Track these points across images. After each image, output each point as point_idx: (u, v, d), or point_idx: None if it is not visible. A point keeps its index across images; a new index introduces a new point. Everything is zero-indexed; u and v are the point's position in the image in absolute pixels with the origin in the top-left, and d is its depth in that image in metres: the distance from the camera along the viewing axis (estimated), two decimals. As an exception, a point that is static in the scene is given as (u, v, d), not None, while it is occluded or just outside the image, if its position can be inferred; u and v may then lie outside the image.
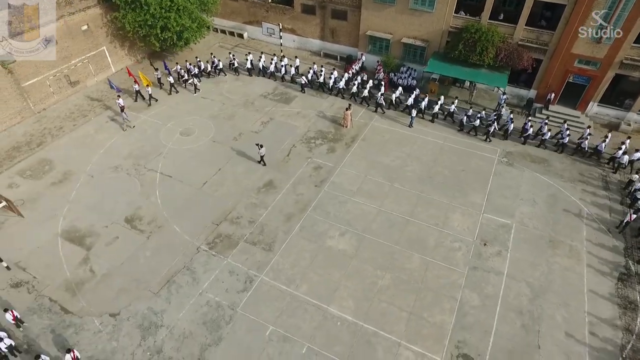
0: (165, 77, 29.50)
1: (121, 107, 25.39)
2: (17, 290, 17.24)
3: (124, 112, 25.58)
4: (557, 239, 19.52)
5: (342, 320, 16.28)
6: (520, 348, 15.50)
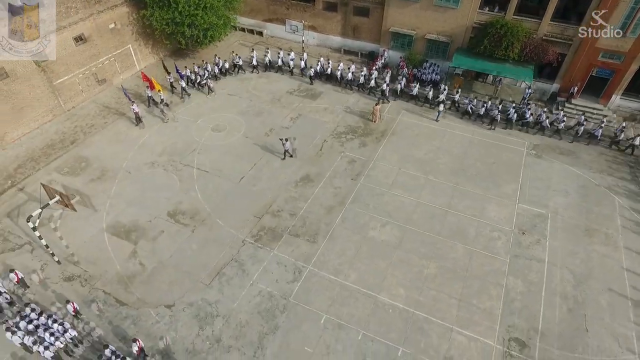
0: (177, 82, 28.89)
1: (136, 112, 25.42)
2: (70, 283, 17.47)
3: (163, 104, 26.29)
4: (592, 228, 20.03)
5: (394, 308, 16.67)
6: (569, 332, 15.96)
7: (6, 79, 23.07)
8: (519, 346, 15.50)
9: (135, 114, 25.58)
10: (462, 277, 17.83)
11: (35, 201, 21.04)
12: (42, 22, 23.64)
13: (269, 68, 31.63)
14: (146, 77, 27.17)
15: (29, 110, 24.86)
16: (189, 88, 29.12)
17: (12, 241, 19.13)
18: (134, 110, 25.45)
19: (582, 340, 15.68)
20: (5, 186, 21.90)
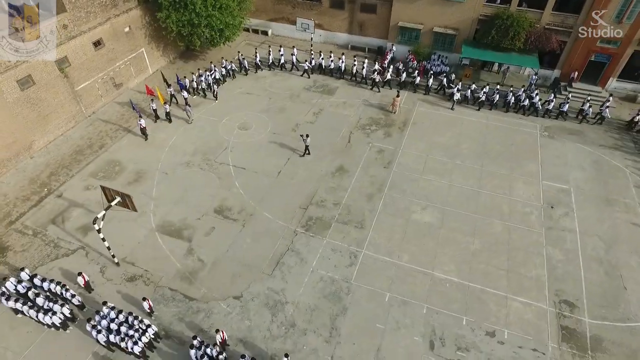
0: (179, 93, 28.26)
1: (142, 128, 24.53)
2: (134, 283, 17.69)
3: (188, 105, 26.29)
4: (611, 198, 21.83)
5: (450, 282, 17.81)
6: (609, 291, 17.54)
7: (33, 86, 22.77)
8: (569, 307, 16.94)
9: (142, 129, 24.63)
10: (505, 250, 19.17)
11: (77, 207, 21.02)
12: (63, 28, 23.51)
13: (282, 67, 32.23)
14: (150, 91, 26.53)
15: (54, 117, 24.58)
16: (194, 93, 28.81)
17: (63, 247, 19.10)
18: (141, 125, 24.44)
19: (622, 297, 17.28)
20: (42, 194, 21.69)
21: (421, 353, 15.44)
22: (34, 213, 20.68)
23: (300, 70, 31.66)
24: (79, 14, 24.34)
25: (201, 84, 28.69)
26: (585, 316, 16.65)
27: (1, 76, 20.98)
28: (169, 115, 26.44)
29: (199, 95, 29.04)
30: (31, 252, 18.82)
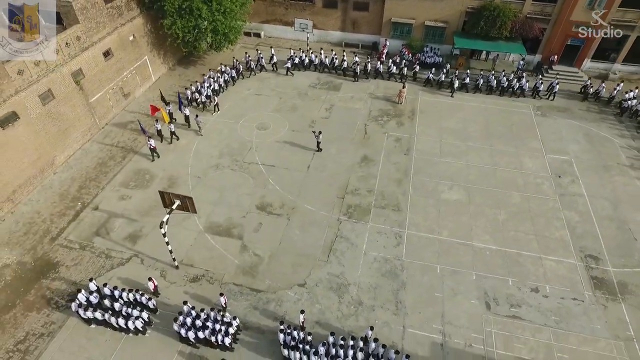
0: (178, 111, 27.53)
1: (152, 148, 23.83)
2: (198, 283, 18.19)
3: (198, 117, 26.13)
4: (607, 164, 24.64)
5: (489, 250, 19.67)
6: (623, 243, 20.06)
7: (53, 100, 22.40)
8: (594, 260, 19.27)
9: (152, 149, 23.91)
10: (528, 217, 21.33)
11: (117, 217, 21.04)
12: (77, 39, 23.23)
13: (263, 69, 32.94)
14: (154, 109, 25.16)
15: (72, 130, 24.21)
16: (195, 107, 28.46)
17: (116, 257, 19.18)
18: (151, 145, 23.69)
19: (635, 247, 19.85)
20: (77, 208, 21.49)
21: (480, 314, 17.15)
22: (74, 227, 20.51)
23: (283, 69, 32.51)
24: (90, 24, 24.10)
25: (201, 97, 28.22)
26: (609, 266, 19.04)
27: (25, 92, 20.57)
28: (174, 134, 25.55)
29: (197, 107, 28.52)
30: (84, 265, 18.78)
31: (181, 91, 29.36)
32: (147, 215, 21.15)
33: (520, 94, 30.22)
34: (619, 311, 17.28)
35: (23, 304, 17.27)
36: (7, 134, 20.06)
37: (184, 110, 26.77)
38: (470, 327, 16.66)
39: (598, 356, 15.84)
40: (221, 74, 30.55)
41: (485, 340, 16.24)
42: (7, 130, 20.02)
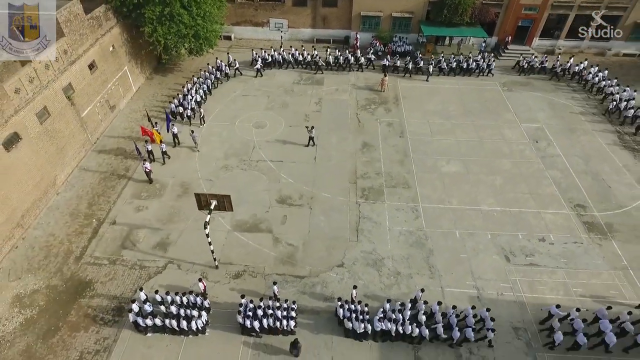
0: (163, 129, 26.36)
1: (148, 170, 22.78)
2: (242, 279, 18.66)
3: (194, 132, 25.32)
4: (572, 127, 28.07)
5: (495, 211, 21.95)
6: (601, 191, 23.21)
7: (49, 117, 21.50)
8: (582, 209, 22.19)
9: (148, 172, 22.86)
10: (521, 179, 23.95)
11: (138, 228, 20.79)
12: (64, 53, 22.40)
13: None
14: (145, 131, 24.28)
15: (69, 148, 23.30)
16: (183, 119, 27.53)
17: (150, 266, 19.06)
18: (146, 168, 22.70)
19: (611, 193, 23.09)
20: (93, 225, 20.89)
21: (503, 266, 19.27)
22: (97, 244, 19.99)
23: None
24: (74, 37, 23.28)
25: (186, 111, 27.50)
26: (595, 211, 22.04)
27: (23, 111, 19.65)
28: (165, 154, 24.52)
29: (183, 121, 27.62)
30: (120, 279, 18.50)
31: (166, 105, 28.81)
32: (170, 222, 21.09)
33: (489, 72, 33.23)
34: (612, 247, 20.22)
35: (67, 325, 16.77)
36: (12, 156, 19.09)
37: (172, 128, 25.35)
38: (497, 279, 18.72)
39: (604, 285, 18.54)
40: (204, 79, 30.48)
41: (512, 288, 18.35)
42: (12, 152, 19.06)
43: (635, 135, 27.23)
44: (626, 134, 27.50)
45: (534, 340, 16.54)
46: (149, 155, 24.15)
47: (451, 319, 16.12)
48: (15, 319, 16.93)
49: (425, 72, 32.92)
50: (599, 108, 29.79)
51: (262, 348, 16.22)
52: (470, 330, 15.67)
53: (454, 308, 16.40)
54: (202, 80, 30.36)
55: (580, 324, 16.04)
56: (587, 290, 18.31)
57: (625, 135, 27.38)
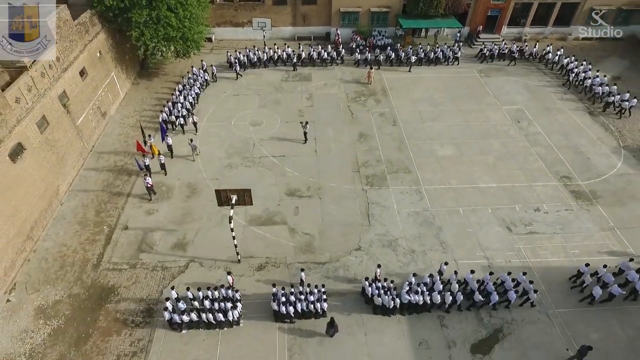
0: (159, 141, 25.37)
1: (150, 186, 21.96)
2: (266, 270, 19.12)
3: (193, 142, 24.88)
4: (548, 107, 30.25)
5: (492, 188, 23.49)
6: (581, 162, 25.27)
7: (48, 126, 21.03)
8: (568, 179, 24.12)
9: (150, 187, 21.97)
10: (510, 157, 25.68)
11: (152, 231, 20.78)
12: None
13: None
14: (140, 146, 23.90)
15: (68, 157, 22.83)
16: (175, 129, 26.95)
17: (172, 266, 19.16)
18: (148, 183, 21.81)
19: (590, 164, 25.20)
20: (105, 232, 20.68)
21: (507, 236, 20.75)
22: (112, 250, 19.83)
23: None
24: (65, 43, 22.81)
25: (179, 119, 26.81)
26: (579, 181, 24.04)
27: (25, 120, 19.17)
28: (164, 167, 23.80)
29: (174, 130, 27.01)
30: (144, 281, 18.50)
31: (157, 110, 28.53)
32: (184, 223, 21.19)
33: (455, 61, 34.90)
34: (598, 211, 22.19)
35: (98, 331, 16.67)
36: (18, 167, 18.62)
37: (167, 139, 24.90)
38: (503, 248, 20.18)
39: (597, 245, 20.39)
40: (192, 84, 30.19)
41: (518, 255, 19.85)
42: (17, 163, 18.59)
43: (604, 112, 29.70)
44: (596, 110, 29.95)
45: (544, 299, 18.04)
46: (146, 169, 23.20)
47: (489, 286, 17.30)
48: (43, 331, 16.64)
49: (406, 64, 34.33)
50: (570, 90, 32.21)
51: (297, 332, 16.81)
52: (513, 292, 17.07)
53: (491, 274, 17.77)
54: (189, 86, 29.86)
55: (611, 277, 17.77)
56: (582, 251, 20.08)
57: (595, 111, 29.81)
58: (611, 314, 17.61)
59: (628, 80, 33.13)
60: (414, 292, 17.02)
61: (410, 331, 16.95)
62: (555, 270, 19.13)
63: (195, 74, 31.01)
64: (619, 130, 27.97)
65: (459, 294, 16.96)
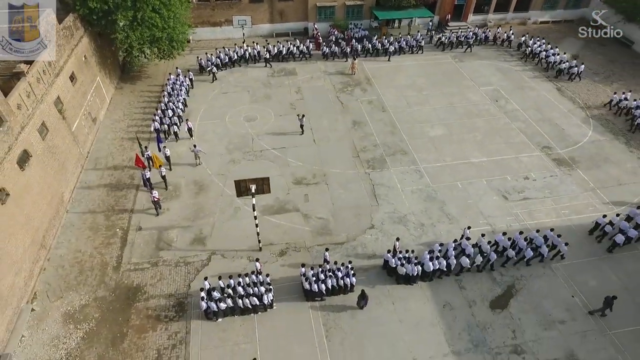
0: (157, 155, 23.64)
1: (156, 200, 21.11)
2: (287, 255, 19.76)
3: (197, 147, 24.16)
4: (520, 86, 32.59)
5: (483, 162, 25.23)
6: (558, 133, 27.58)
7: (48, 133, 20.54)
8: (548, 149, 26.27)
9: (156, 202, 21.19)
10: (495, 133, 27.59)
11: (168, 229, 20.85)
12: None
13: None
14: (140, 161, 22.68)
15: (68, 164, 22.34)
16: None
17: (195, 260, 19.38)
18: (154, 197, 21.03)
19: (565, 133, 27.56)
20: (119, 234, 20.52)
21: (503, 204, 22.47)
22: (130, 251, 19.75)
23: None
24: (55, 48, 22.27)
25: (172, 127, 26.07)
26: (558, 149, 26.27)
27: (28, 127, 18.70)
28: (165, 178, 22.93)
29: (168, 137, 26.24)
30: (169, 278, 18.63)
31: (146, 113, 28.29)
32: (198, 219, 21.39)
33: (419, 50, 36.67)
34: (579, 175, 24.40)
35: (132, 329, 16.70)
36: (26, 175, 18.17)
37: (164, 150, 24.07)
38: (503, 214, 21.86)
39: (583, 204, 22.50)
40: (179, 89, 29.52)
41: (517, 219, 21.58)
42: (26, 170, 18.14)
43: (556, 78, 32.93)
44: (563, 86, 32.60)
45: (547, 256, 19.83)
46: (145, 183, 22.44)
47: (520, 242, 18.96)
48: (75, 335, 16.48)
49: (385, 54, 35.76)
50: (536, 69, 34.81)
51: (329, 309, 17.59)
52: (545, 247, 18.98)
53: (521, 233, 19.31)
54: (175, 92, 29.00)
55: (626, 224, 19.81)
56: (572, 210, 22.13)
57: (562, 87, 32.45)
58: (603, 263, 19.63)
59: (585, 58, 36.10)
60: (436, 258, 18.18)
61: (433, 296, 18.18)
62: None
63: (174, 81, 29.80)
64: (585, 102, 30.66)
65: (492, 254, 18.50)
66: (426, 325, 17.16)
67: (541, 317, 17.46)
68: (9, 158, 17.02)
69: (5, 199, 16.49)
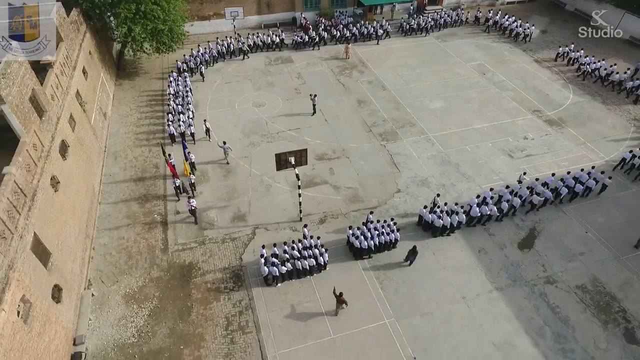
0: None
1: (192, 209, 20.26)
2: (327, 222, 20.87)
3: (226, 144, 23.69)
4: (503, 59, 35.23)
5: (485, 127, 27.39)
6: (543, 97, 30.28)
7: (76, 125, 20.48)
8: (539, 112, 28.85)
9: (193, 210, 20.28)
10: (489, 101, 29.90)
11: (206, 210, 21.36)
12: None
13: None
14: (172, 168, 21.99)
15: (93, 157, 22.30)
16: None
17: (241, 236, 20.09)
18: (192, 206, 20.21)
19: (551, 98, 30.31)
20: (158, 220, 20.82)
21: (510, 162, 24.64)
22: (174, 233, 20.15)
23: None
24: (67, 41, 22.10)
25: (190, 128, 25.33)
26: (547, 112, 28.92)
27: (62, 118, 18.67)
28: (178, 189, 21.72)
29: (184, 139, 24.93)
30: (220, 253, 19.24)
31: (155, 109, 28.36)
32: (232, 199, 22.02)
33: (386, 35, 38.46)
34: (569, 132, 27.09)
35: (196, 303, 17.25)
36: (68, 164, 18.18)
37: (190, 157, 23.20)
38: (512, 170, 24.01)
39: (578, 156, 25.10)
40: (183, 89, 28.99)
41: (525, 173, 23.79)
42: (67, 160, 18.15)
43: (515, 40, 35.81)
44: (542, 58, 35.57)
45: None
46: (180, 192, 21.82)
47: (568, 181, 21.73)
48: (141, 313, 16.83)
49: (372, 38, 37.45)
50: (512, 43, 37.67)
51: (378, 265, 18.90)
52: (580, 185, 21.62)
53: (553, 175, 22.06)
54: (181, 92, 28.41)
55: None
56: (570, 162, 24.62)
57: (539, 59, 35.40)
58: (606, 203, 22.17)
59: (552, 32, 39.53)
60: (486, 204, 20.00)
61: (468, 244, 19.93)
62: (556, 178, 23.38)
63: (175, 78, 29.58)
64: (562, 71, 33.69)
65: (534, 196, 20.71)
66: (467, 269, 18.86)
67: (564, 252, 19.63)
68: (54, 147, 17.05)
69: (57, 186, 16.54)
